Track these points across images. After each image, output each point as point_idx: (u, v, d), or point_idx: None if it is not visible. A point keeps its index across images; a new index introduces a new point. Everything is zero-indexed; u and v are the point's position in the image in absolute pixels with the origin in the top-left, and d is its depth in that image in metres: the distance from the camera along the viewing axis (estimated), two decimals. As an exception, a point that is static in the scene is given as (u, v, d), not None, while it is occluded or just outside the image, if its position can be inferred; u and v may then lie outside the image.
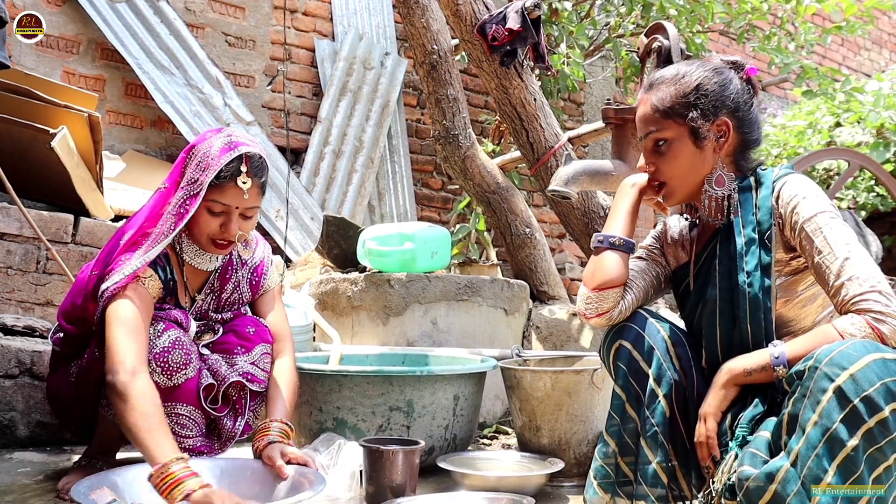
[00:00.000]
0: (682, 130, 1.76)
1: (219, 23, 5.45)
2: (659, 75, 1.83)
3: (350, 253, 3.83)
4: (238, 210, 2.08)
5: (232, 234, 2.09)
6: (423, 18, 3.92)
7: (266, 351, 2.23)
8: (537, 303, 3.96)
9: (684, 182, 1.80)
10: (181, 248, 2.16)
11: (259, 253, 2.34)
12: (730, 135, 1.76)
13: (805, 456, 1.42)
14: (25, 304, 3.38)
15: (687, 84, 1.77)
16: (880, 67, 9.18)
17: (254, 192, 2.08)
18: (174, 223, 2.03)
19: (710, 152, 1.77)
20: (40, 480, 2.23)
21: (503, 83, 3.86)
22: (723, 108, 1.76)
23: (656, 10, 5.48)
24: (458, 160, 4.03)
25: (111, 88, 5.05)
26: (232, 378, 2.13)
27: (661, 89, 1.79)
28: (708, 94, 1.76)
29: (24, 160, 3.45)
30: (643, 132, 1.82)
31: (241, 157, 2.04)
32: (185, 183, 2.05)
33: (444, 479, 2.42)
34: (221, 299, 2.27)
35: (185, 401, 2.08)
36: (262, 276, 2.33)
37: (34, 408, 2.61)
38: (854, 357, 1.41)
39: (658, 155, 1.80)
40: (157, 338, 2.02)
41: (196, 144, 2.09)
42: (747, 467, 1.51)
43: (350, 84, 5.87)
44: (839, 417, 1.39)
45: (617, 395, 1.84)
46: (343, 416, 2.49)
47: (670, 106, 1.77)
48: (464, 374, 2.62)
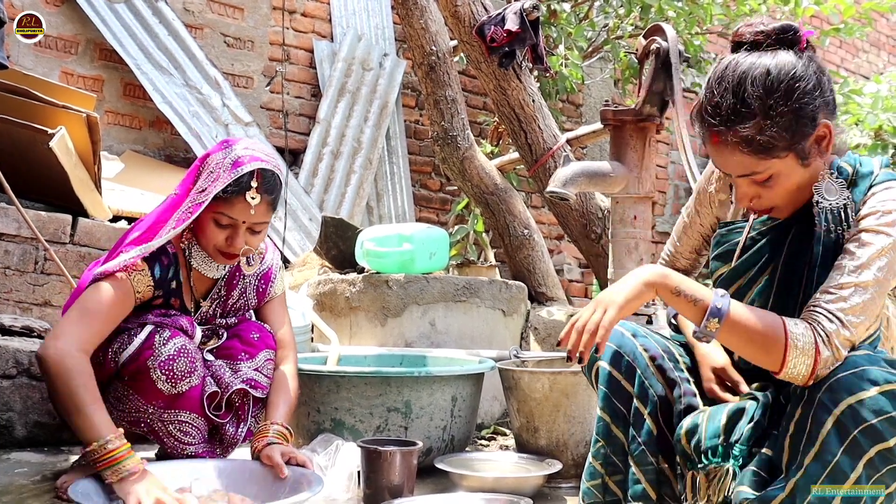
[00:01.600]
0: (789, 157, 1.50)
1: (217, 23, 5.45)
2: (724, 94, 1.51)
3: (348, 254, 3.83)
4: (245, 224, 2.08)
5: (238, 247, 2.09)
6: (421, 19, 3.93)
7: (269, 357, 2.23)
8: (535, 304, 3.96)
9: (795, 198, 1.58)
10: (189, 254, 2.16)
11: (268, 260, 2.33)
12: (831, 135, 1.52)
13: (804, 489, 1.39)
14: (23, 305, 3.38)
15: (781, 110, 1.47)
16: (878, 69, 9.18)
17: (262, 209, 2.07)
18: (174, 228, 2.03)
19: (815, 163, 1.54)
20: (38, 481, 2.23)
21: (501, 84, 3.87)
22: (819, 112, 1.50)
23: (655, 11, 5.49)
24: (456, 161, 4.03)
25: (109, 89, 5.05)
26: (235, 386, 2.13)
27: (744, 128, 1.48)
28: (806, 113, 1.48)
29: (23, 160, 3.44)
30: (739, 174, 1.55)
31: (253, 172, 2.04)
32: (195, 191, 2.05)
33: (442, 480, 2.42)
34: (227, 305, 2.28)
35: (188, 408, 2.08)
36: (269, 282, 2.33)
37: (32, 408, 2.61)
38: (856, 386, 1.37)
39: (763, 186, 1.54)
40: (162, 345, 2.02)
41: (211, 154, 2.09)
42: (746, 489, 1.47)
43: (349, 85, 5.86)
44: (841, 449, 1.36)
45: (600, 418, 1.76)
46: (341, 416, 2.49)
47: (766, 144, 1.48)
48: (462, 375, 2.62)
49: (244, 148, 2.08)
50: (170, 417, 2.06)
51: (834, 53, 9.08)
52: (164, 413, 2.06)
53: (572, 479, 2.52)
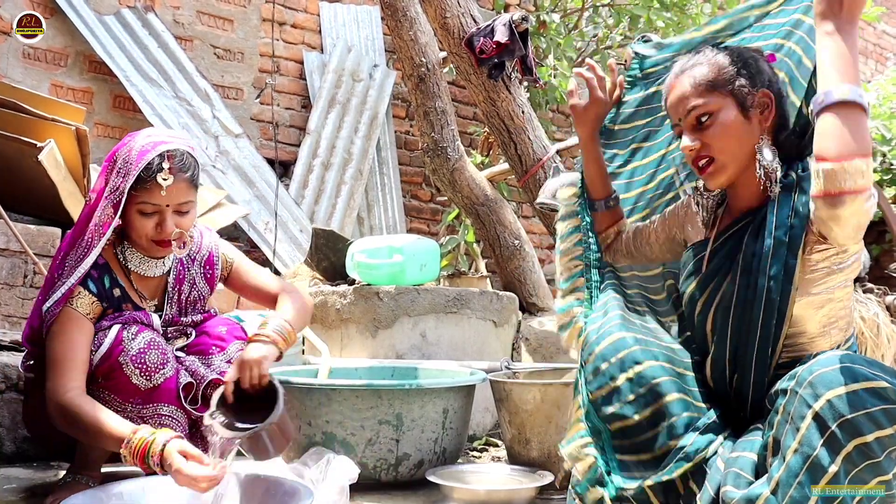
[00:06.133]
0: (728, 101, 1.70)
1: (207, 35, 5.46)
2: (687, 60, 1.79)
3: (339, 265, 3.83)
4: (170, 208, 2.07)
5: (168, 231, 2.07)
6: (410, 31, 3.93)
7: (240, 348, 2.23)
8: (526, 315, 3.96)
9: (734, 155, 1.70)
10: (125, 258, 2.16)
11: (206, 245, 2.32)
12: (773, 108, 1.71)
13: (786, 484, 1.41)
14: (12, 319, 3.37)
15: (724, 59, 1.73)
16: (866, 78, 9.24)
17: (181, 188, 2.07)
18: (101, 234, 2.04)
19: (756, 124, 1.71)
20: (26, 497, 2.22)
21: (491, 96, 3.88)
22: (764, 79, 1.72)
23: (644, 22, 5.52)
24: (446, 172, 4.03)
25: (99, 101, 5.04)
26: (210, 376, 2.14)
27: (697, 69, 1.74)
28: (749, 65, 1.72)
29: (11, 173, 3.43)
30: (682, 112, 1.74)
31: (162, 154, 2.03)
32: (108, 192, 2.05)
33: (434, 493, 2.41)
34: (182, 301, 2.28)
35: (166, 401, 2.08)
36: (213, 266, 2.33)
37: (21, 423, 2.58)
38: (835, 382, 1.40)
39: (703, 130, 1.72)
40: (131, 340, 2.03)
41: (117, 150, 2.09)
42: (730, 488, 1.49)
43: (339, 96, 5.87)
44: (820, 442, 1.38)
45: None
46: (332, 430, 2.48)
47: (713, 79, 1.72)
48: (453, 387, 2.62)
49: (146, 136, 2.08)
50: (149, 412, 2.06)
51: (822, 62, 9.12)
52: (143, 409, 2.06)
53: (564, 491, 2.50)
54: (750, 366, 1.67)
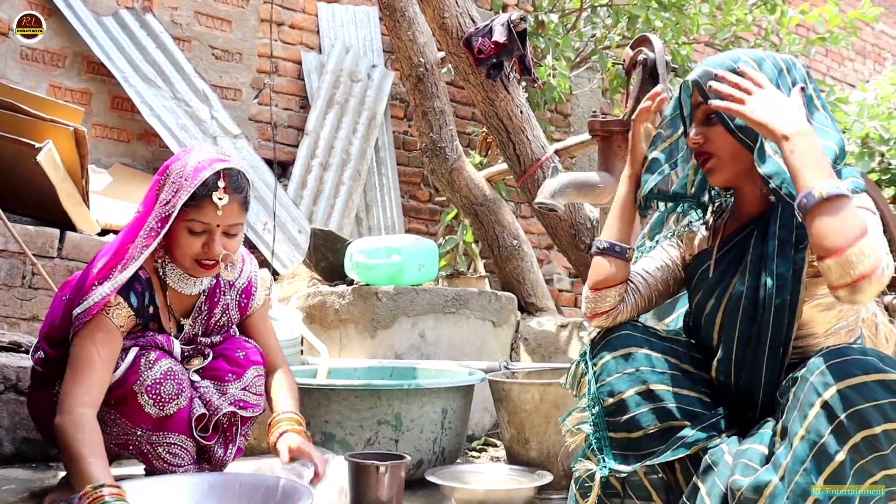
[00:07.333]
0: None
1: (205, 36, 5.45)
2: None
3: (338, 266, 3.83)
4: (220, 228, 2.01)
5: (216, 253, 2.01)
6: (409, 31, 3.94)
7: (258, 374, 2.21)
8: (525, 314, 3.96)
9: (734, 156, 1.70)
10: (164, 273, 2.09)
11: (246, 272, 2.27)
12: None
13: (793, 470, 1.41)
14: (11, 320, 3.36)
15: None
16: (864, 77, 9.24)
17: (234, 209, 2.01)
18: (144, 246, 1.98)
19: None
20: (25, 498, 2.21)
21: (489, 96, 3.88)
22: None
23: (642, 22, 5.52)
24: (444, 173, 4.03)
25: (97, 102, 5.04)
26: (224, 409, 2.10)
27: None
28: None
29: (10, 174, 3.43)
30: (694, 101, 1.76)
31: (218, 172, 1.98)
32: (160, 205, 1.99)
33: (433, 493, 2.41)
34: (210, 323, 2.21)
35: (177, 430, 2.05)
36: (250, 296, 2.27)
37: (19, 424, 2.59)
38: (846, 372, 1.40)
39: (709, 125, 1.72)
40: (148, 368, 1.99)
41: (170, 164, 2.03)
42: (739, 477, 1.49)
43: (337, 96, 5.87)
44: (828, 430, 1.38)
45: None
46: (331, 430, 2.49)
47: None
48: (452, 387, 2.62)
49: (200, 152, 2.03)
50: (158, 440, 2.03)
51: (820, 62, 9.14)
52: (152, 436, 2.02)
53: (564, 491, 2.51)
54: (761, 366, 1.66)
